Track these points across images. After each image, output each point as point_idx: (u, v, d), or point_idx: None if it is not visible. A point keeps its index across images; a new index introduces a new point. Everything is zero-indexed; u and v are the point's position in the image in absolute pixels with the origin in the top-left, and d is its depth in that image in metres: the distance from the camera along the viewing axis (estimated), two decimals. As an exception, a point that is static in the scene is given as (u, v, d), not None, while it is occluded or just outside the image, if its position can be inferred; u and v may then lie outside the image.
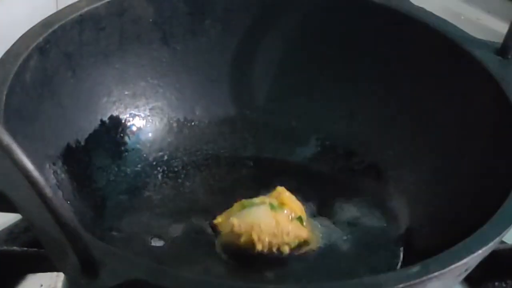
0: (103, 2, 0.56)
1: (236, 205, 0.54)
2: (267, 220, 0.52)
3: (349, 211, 0.58)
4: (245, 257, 0.53)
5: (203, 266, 0.53)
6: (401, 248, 0.55)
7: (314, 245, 0.54)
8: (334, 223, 0.57)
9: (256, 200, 0.54)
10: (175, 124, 0.62)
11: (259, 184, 0.59)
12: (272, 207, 0.53)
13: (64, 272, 0.36)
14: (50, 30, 0.53)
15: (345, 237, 0.56)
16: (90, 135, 0.57)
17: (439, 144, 0.57)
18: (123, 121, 0.60)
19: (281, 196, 0.54)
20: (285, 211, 0.53)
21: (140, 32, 0.60)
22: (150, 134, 0.61)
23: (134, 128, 0.61)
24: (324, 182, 0.60)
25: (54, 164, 0.52)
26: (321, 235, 0.55)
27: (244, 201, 0.54)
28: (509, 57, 0.55)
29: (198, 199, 0.58)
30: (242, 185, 0.59)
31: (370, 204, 0.58)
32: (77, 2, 0.56)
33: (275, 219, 0.52)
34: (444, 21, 0.58)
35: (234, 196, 0.56)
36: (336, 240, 0.55)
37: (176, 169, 0.60)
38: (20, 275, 0.56)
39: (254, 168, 0.61)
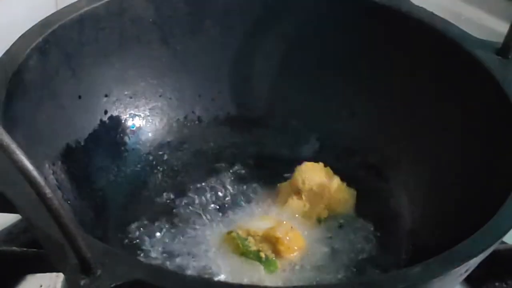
0: (102, 2, 0.56)
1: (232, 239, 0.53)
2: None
3: (349, 211, 0.58)
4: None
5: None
6: (402, 249, 0.55)
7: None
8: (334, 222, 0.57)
9: (251, 247, 0.53)
10: (175, 124, 0.62)
11: (260, 184, 0.59)
12: (266, 266, 0.52)
13: (63, 273, 0.36)
14: (50, 30, 0.53)
15: (346, 239, 0.56)
16: (90, 135, 0.57)
17: (440, 144, 0.57)
18: (123, 121, 0.60)
19: (279, 242, 0.53)
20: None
21: (140, 32, 0.60)
22: (150, 134, 0.61)
23: (134, 128, 0.60)
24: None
25: (53, 164, 0.52)
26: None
27: (239, 242, 0.53)
28: (509, 57, 0.55)
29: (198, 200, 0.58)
30: (243, 185, 0.59)
31: (370, 204, 0.58)
32: (76, 2, 0.56)
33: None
34: (445, 21, 0.58)
35: (234, 195, 0.56)
36: (337, 241, 0.55)
37: (176, 169, 0.60)
38: (20, 276, 0.56)
39: (254, 168, 0.61)
